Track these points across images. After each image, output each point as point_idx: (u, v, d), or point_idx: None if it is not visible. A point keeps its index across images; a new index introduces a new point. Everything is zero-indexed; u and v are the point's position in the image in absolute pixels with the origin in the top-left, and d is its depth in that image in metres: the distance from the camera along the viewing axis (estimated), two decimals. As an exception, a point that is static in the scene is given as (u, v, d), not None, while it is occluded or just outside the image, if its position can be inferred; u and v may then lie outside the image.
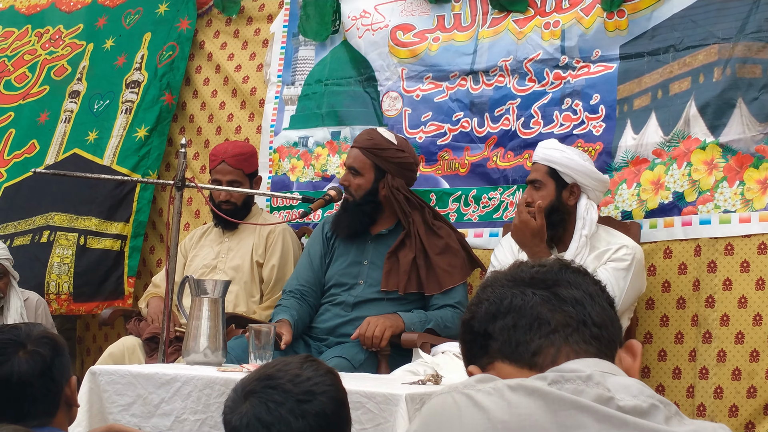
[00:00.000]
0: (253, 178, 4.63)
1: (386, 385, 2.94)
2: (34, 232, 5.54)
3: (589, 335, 1.36)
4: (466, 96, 4.62)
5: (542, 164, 3.87)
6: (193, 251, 4.72)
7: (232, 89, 5.39)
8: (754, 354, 3.81)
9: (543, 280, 1.39)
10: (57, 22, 6.02)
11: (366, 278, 4.13)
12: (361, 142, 4.21)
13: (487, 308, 1.40)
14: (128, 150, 5.45)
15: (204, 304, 3.57)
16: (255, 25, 5.39)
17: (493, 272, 1.48)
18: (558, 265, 1.42)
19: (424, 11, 4.80)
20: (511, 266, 1.46)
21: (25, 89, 5.97)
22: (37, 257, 5.45)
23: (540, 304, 1.37)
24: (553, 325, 1.35)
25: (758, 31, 3.93)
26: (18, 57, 6.07)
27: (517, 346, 1.35)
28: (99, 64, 5.78)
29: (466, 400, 1.23)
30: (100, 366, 3.45)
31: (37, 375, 2.07)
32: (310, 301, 4.18)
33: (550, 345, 1.34)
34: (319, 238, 4.30)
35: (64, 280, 5.35)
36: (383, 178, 4.14)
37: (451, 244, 4.14)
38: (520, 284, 1.40)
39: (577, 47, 4.35)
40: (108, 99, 5.65)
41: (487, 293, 1.42)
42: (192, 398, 3.09)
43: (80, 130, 5.67)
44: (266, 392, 1.72)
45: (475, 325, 1.41)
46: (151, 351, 4.38)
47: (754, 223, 3.88)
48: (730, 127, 3.95)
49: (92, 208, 5.43)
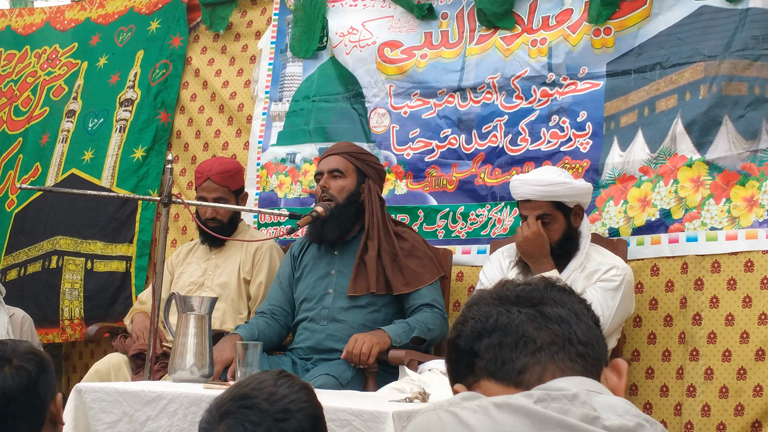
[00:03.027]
0: (239, 194, 4.62)
1: (373, 403, 2.93)
2: (44, 257, 5.59)
3: (575, 353, 1.35)
4: (454, 113, 4.63)
5: (546, 201, 3.80)
6: (179, 268, 4.71)
7: (219, 105, 5.39)
8: (741, 372, 3.82)
9: (528, 299, 1.39)
10: (53, 42, 6.01)
11: (335, 287, 4.14)
12: (342, 149, 4.26)
13: (472, 327, 1.39)
14: (127, 171, 5.46)
15: (190, 321, 3.56)
16: (242, 42, 5.39)
17: (479, 291, 1.48)
18: (543, 283, 1.42)
19: (411, 28, 4.81)
20: (496, 285, 1.46)
21: (29, 113, 5.96)
22: (50, 284, 5.52)
23: (526, 322, 1.36)
24: (539, 343, 1.35)
25: (744, 49, 3.95)
26: (22, 80, 6.06)
27: (503, 365, 1.35)
28: (93, 82, 5.77)
29: (451, 417, 1.23)
30: (86, 383, 3.43)
31: (22, 390, 2.06)
32: (280, 320, 4.22)
33: (536, 363, 1.34)
34: (287, 260, 4.36)
35: (76, 305, 5.42)
36: (364, 183, 4.17)
37: (417, 246, 4.17)
38: (505, 302, 1.39)
39: (564, 64, 4.37)
40: (102, 117, 5.65)
41: (472, 312, 1.41)
42: (178, 416, 3.08)
43: (76, 150, 5.68)
44: (242, 412, 1.69)
45: (461, 344, 1.40)
46: (138, 368, 4.36)
47: (741, 241, 3.88)
48: (716, 145, 3.97)
49: (96, 232, 5.46)
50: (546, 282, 1.43)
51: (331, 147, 4.36)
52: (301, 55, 5.12)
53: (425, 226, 4.59)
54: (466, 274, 4.49)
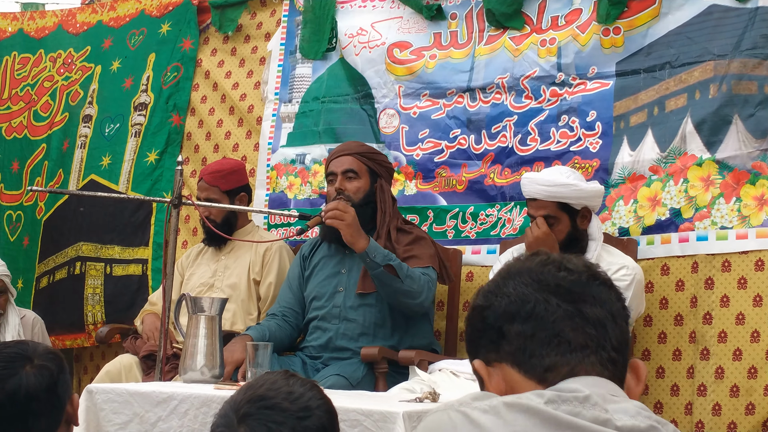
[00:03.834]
0: (234, 195, 4.59)
1: (384, 403, 2.93)
2: (69, 264, 5.67)
3: (607, 359, 1.33)
4: (463, 113, 4.63)
5: (551, 201, 3.80)
6: (190, 269, 4.72)
7: (229, 107, 5.40)
8: (752, 371, 3.81)
9: (569, 291, 1.35)
10: (66, 45, 6.02)
11: (346, 285, 4.14)
12: (353, 149, 4.24)
13: (506, 306, 1.35)
14: (141, 175, 5.50)
15: (201, 321, 3.57)
16: (252, 43, 5.40)
17: (516, 260, 1.42)
18: (586, 274, 1.37)
19: (420, 29, 4.82)
20: (537, 260, 1.39)
21: (50, 118, 5.99)
22: (75, 290, 5.60)
23: (563, 320, 1.33)
24: (573, 345, 1.32)
25: (753, 48, 3.94)
26: (39, 85, 6.07)
27: (531, 357, 1.33)
28: (108, 86, 5.79)
29: (462, 417, 1.23)
30: (97, 384, 3.44)
31: (43, 390, 2.06)
32: (291, 321, 4.21)
33: (566, 364, 1.32)
34: (297, 261, 4.35)
35: (98, 309, 5.49)
36: (376, 182, 4.17)
37: (421, 236, 4.17)
38: (545, 289, 1.35)
39: (574, 64, 4.36)
40: (118, 122, 5.68)
41: (509, 287, 1.37)
42: (189, 416, 3.08)
43: (95, 156, 5.72)
44: (263, 413, 1.69)
45: (489, 317, 1.37)
46: (148, 369, 4.37)
47: (751, 240, 3.88)
48: (726, 144, 3.96)
49: (114, 237, 5.52)
50: (589, 272, 1.38)
51: (341, 147, 4.33)
52: (311, 57, 5.12)
53: (435, 227, 4.59)
54: (476, 274, 4.49)
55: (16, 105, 6.10)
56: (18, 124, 6.07)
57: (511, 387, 1.34)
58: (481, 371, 1.37)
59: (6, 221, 6.02)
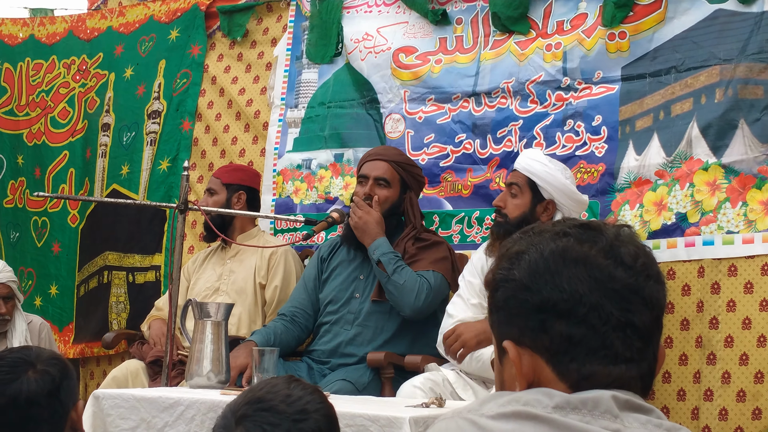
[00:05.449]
0: (233, 190, 4.63)
1: (390, 408, 2.93)
2: (98, 273, 5.72)
3: (645, 370, 1.28)
4: (469, 118, 4.63)
5: (523, 173, 3.84)
6: (196, 274, 4.72)
7: (236, 112, 5.40)
8: (758, 375, 3.80)
9: (625, 297, 1.26)
10: (79, 51, 6.01)
11: (362, 292, 4.13)
12: (391, 156, 4.22)
13: (557, 300, 1.27)
14: (155, 183, 5.53)
15: (207, 327, 3.57)
16: (259, 49, 5.41)
17: (578, 242, 1.29)
18: (644, 274, 1.28)
19: (426, 33, 4.82)
20: (598, 247, 1.28)
21: (71, 126, 5.99)
22: (102, 298, 5.65)
23: (614, 330, 1.26)
24: (619, 358, 1.26)
25: (760, 52, 3.94)
26: (54, 91, 6.06)
27: (571, 362, 1.26)
28: (122, 94, 5.79)
29: (469, 425, 1.23)
30: (104, 390, 3.45)
31: (45, 395, 2.07)
32: (300, 322, 4.19)
33: (606, 375, 1.26)
34: (314, 261, 4.35)
35: (123, 317, 5.52)
36: (405, 194, 4.17)
37: (437, 241, 4.16)
38: (600, 290, 1.26)
39: (579, 69, 4.36)
40: (134, 131, 5.69)
41: (563, 279, 1.27)
42: (196, 422, 3.09)
43: (115, 165, 5.74)
44: (260, 415, 1.70)
45: (533, 302, 1.28)
46: (155, 374, 4.37)
47: (758, 244, 3.87)
48: (732, 148, 3.96)
49: (134, 245, 5.56)
50: (645, 270, 1.29)
51: (379, 150, 4.31)
52: (318, 61, 5.13)
53: (441, 231, 4.59)
54: (482, 278, 4.49)
55: (34, 111, 6.12)
56: (37, 130, 6.09)
57: (538, 380, 1.28)
58: (511, 352, 1.29)
59: (33, 227, 6.04)
